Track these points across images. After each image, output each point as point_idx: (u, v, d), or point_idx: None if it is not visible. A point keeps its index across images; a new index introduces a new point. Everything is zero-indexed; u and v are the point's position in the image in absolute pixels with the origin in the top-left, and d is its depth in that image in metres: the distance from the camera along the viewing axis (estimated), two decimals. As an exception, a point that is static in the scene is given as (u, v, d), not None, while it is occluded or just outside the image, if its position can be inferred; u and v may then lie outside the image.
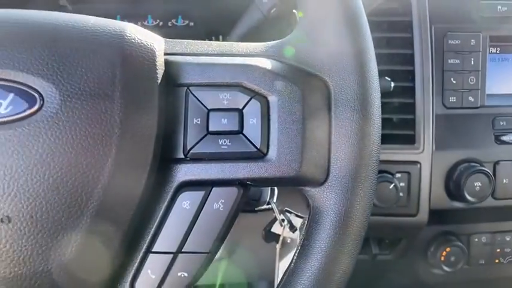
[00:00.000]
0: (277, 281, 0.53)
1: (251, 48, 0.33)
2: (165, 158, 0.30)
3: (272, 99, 0.30)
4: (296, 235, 0.53)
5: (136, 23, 0.81)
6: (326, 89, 0.31)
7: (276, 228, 0.55)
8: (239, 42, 0.34)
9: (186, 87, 0.31)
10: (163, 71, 0.30)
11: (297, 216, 0.53)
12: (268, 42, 0.33)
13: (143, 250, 0.31)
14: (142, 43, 0.30)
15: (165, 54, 0.31)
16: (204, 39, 0.79)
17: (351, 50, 0.30)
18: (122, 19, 0.81)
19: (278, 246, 0.54)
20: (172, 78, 0.31)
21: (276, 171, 0.30)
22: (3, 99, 0.27)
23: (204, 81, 0.31)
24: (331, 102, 0.30)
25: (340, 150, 0.30)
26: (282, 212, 0.52)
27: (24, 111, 0.27)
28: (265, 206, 0.55)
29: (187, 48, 0.33)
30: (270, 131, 0.30)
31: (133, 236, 0.31)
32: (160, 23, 0.80)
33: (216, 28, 0.80)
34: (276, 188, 0.53)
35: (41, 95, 0.27)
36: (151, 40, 0.31)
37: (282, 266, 0.53)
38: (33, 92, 0.27)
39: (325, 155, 0.30)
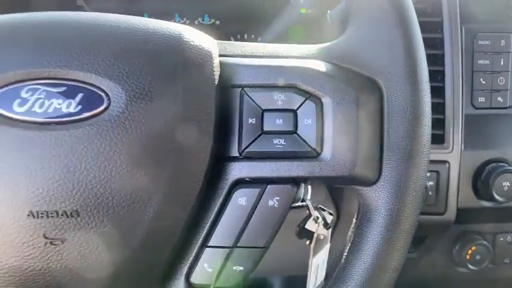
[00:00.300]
0: (310, 276, 0.54)
1: (303, 50, 0.34)
2: (220, 156, 0.32)
3: (326, 100, 0.31)
4: (328, 232, 0.54)
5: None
6: (378, 91, 0.31)
7: (310, 225, 0.55)
8: (290, 45, 0.35)
9: (240, 88, 0.32)
10: (219, 72, 0.31)
11: (329, 214, 0.54)
12: (320, 45, 0.34)
13: (198, 244, 0.32)
14: (200, 45, 0.31)
15: (219, 55, 0.33)
16: (230, 38, 0.81)
17: (403, 52, 0.31)
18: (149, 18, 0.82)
19: (313, 242, 0.55)
20: (226, 80, 0.32)
21: (329, 170, 0.31)
22: (72, 99, 0.28)
23: (258, 83, 0.32)
24: (384, 103, 0.31)
25: (393, 150, 0.31)
26: (315, 209, 0.53)
27: (92, 110, 0.28)
28: (299, 203, 0.56)
29: (240, 50, 0.34)
30: (324, 132, 0.31)
31: (189, 231, 0.32)
32: (187, 22, 0.81)
33: (241, 27, 0.81)
34: (309, 186, 0.54)
35: (107, 95, 0.29)
36: (207, 42, 0.32)
37: (315, 262, 0.54)
38: (100, 92, 0.29)
39: (377, 155, 0.31)
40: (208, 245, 0.32)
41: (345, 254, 0.33)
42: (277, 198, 0.31)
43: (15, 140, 0.28)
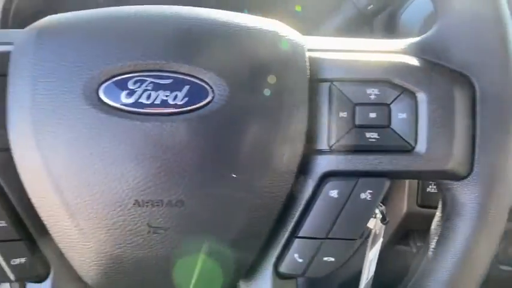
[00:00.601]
0: (364, 270, 0.54)
1: (390, 45, 0.34)
2: (309, 149, 0.32)
3: (421, 95, 0.31)
4: (383, 227, 0.54)
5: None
6: (470, 86, 0.32)
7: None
8: (374, 39, 0.35)
9: (329, 83, 0.32)
10: (309, 66, 0.32)
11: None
12: (407, 40, 0.34)
13: (287, 235, 0.33)
14: (294, 40, 0.32)
15: (308, 50, 0.33)
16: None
17: (496, 47, 0.31)
18: None
19: (370, 237, 0.56)
20: (314, 74, 0.32)
21: (423, 165, 0.31)
22: (178, 91, 0.29)
23: (349, 77, 0.32)
24: (477, 98, 0.32)
25: (485, 144, 0.31)
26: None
27: (198, 103, 0.29)
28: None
29: (325, 44, 0.34)
30: (418, 126, 0.31)
31: (278, 222, 0.33)
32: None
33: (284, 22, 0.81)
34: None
35: (212, 89, 0.29)
36: (299, 37, 0.32)
37: (370, 256, 0.54)
38: (205, 86, 0.29)
39: (469, 150, 0.31)
40: (299, 235, 0.32)
41: (432, 247, 0.34)
42: (370, 191, 0.32)
43: (123, 131, 0.28)
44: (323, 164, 0.32)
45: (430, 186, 0.62)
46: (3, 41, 0.32)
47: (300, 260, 0.32)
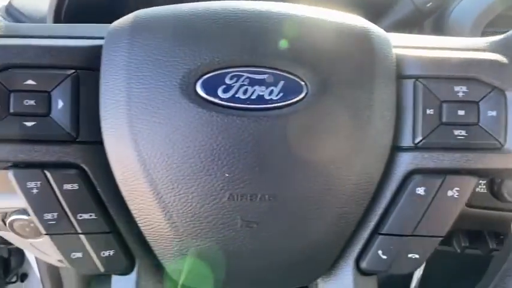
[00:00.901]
0: (417, 270, 0.54)
1: (473, 42, 0.34)
2: (395, 146, 0.32)
3: (510, 93, 0.31)
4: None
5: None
6: None
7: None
8: (455, 37, 0.35)
9: (414, 79, 0.32)
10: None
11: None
12: (489, 38, 0.34)
13: (370, 231, 0.33)
14: (383, 37, 0.32)
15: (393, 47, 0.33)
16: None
17: None
18: None
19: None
20: (400, 70, 0.32)
21: None
22: (274, 86, 0.29)
23: (436, 74, 0.32)
24: None
25: None
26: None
27: (293, 98, 0.29)
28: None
29: (411, 41, 0.34)
30: (507, 124, 0.31)
31: (361, 218, 0.33)
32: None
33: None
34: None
35: (306, 84, 0.29)
36: (383, 33, 0.32)
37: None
38: (300, 81, 0.29)
39: None
40: (383, 232, 0.32)
41: None
42: (458, 188, 0.32)
43: (219, 125, 0.29)
44: (408, 161, 0.32)
45: (479, 186, 0.62)
46: (93, 36, 0.32)
47: (384, 257, 0.32)
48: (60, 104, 0.30)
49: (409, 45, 0.34)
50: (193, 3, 0.32)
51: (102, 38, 0.32)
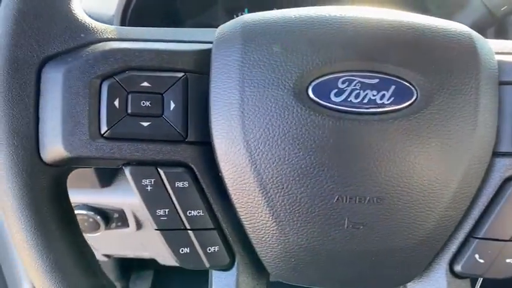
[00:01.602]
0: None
1: None
2: (493, 152, 0.32)
3: None
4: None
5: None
6: None
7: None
8: None
9: (509, 85, 0.33)
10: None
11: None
12: None
13: (465, 235, 0.33)
14: (484, 42, 0.32)
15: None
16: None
17: None
18: (250, 10, 0.83)
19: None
20: (501, 76, 0.32)
21: None
22: (385, 91, 0.30)
23: None
24: None
25: None
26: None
27: (403, 102, 0.30)
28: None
29: (509, 47, 0.35)
30: None
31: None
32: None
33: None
34: None
35: (415, 89, 0.30)
36: (484, 39, 0.33)
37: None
38: (410, 86, 0.30)
39: None
40: (481, 236, 0.33)
41: None
42: None
43: (332, 128, 0.29)
44: (507, 165, 0.32)
45: None
46: (201, 40, 0.33)
47: (481, 261, 0.33)
48: (172, 105, 0.31)
49: (509, 51, 0.34)
50: (298, 8, 0.33)
51: (209, 42, 0.33)
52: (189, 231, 0.32)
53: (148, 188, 0.31)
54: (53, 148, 0.30)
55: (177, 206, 0.31)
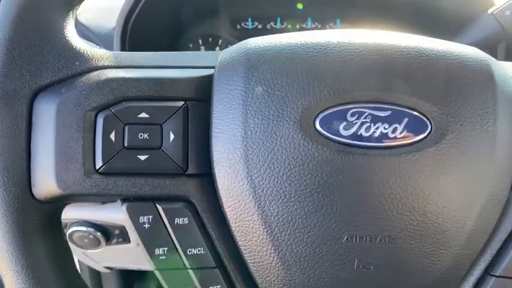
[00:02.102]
0: None
1: None
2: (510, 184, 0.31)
3: None
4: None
5: (296, 25, 0.83)
6: None
7: None
8: None
9: None
10: None
11: None
12: None
13: (481, 272, 0.31)
14: (501, 69, 0.30)
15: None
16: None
17: None
18: (282, 21, 0.82)
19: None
20: None
21: None
22: (398, 124, 0.28)
23: None
24: None
25: None
26: None
27: (417, 135, 0.28)
28: None
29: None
30: None
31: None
32: (319, 26, 0.80)
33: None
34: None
35: (430, 121, 0.28)
36: (500, 64, 0.31)
37: None
38: (424, 118, 0.28)
39: None
40: (498, 274, 0.31)
41: None
42: None
43: (341, 164, 0.27)
44: None
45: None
46: (202, 65, 0.32)
47: None
48: (172, 136, 0.29)
49: None
50: (304, 34, 0.31)
51: (210, 67, 0.31)
52: (190, 270, 0.30)
53: (146, 225, 0.29)
54: (46, 185, 0.29)
55: (177, 245, 0.30)
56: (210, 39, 0.78)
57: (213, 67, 0.31)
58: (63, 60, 0.29)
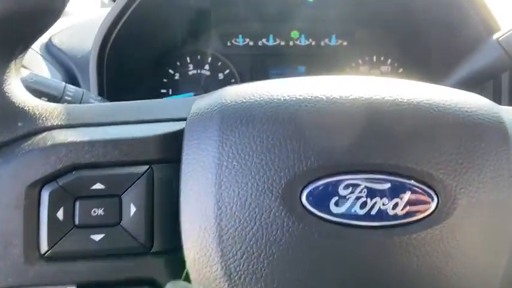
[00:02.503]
0: None
1: None
2: None
3: None
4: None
5: (289, 42, 0.79)
6: None
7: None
8: None
9: None
10: None
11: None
12: None
13: None
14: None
15: None
16: (358, 61, 0.75)
17: None
18: (275, 38, 0.77)
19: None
20: None
21: None
22: (399, 198, 0.23)
23: None
24: None
25: None
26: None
27: (421, 212, 0.23)
28: None
29: None
30: None
31: None
32: (313, 42, 0.76)
33: (375, 48, 0.75)
34: None
35: (436, 193, 0.24)
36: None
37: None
38: (429, 189, 0.24)
39: None
40: None
41: None
42: None
43: (332, 246, 0.23)
44: None
45: None
46: (173, 117, 0.27)
47: None
48: (133, 209, 0.25)
49: None
50: (290, 82, 0.26)
51: (181, 119, 0.27)
52: None
53: None
54: None
55: None
56: (199, 56, 0.74)
57: (185, 119, 0.26)
58: (4, 122, 0.25)
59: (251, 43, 0.74)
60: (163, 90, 0.73)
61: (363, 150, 0.24)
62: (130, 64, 0.61)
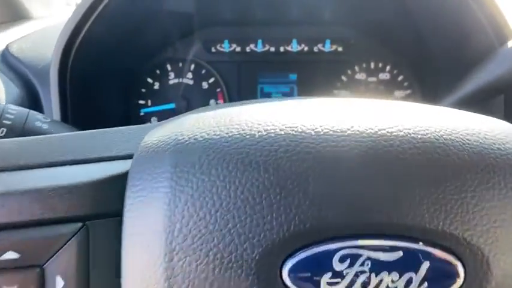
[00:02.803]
0: None
1: None
2: None
3: None
4: None
5: (279, 47, 0.73)
6: None
7: None
8: None
9: None
10: None
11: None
12: None
13: None
14: None
15: None
16: (354, 68, 0.69)
17: None
18: (264, 43, 0.72)
19: None
20: None
21: None
22: (414, 272, 0.17)
23: None
24: None
25: None
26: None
27: (444, 290, 0.18)
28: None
29: None
30: None
31: None
32: (305, 48, 0.70)
33: (373, 54, 0.70)
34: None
35: (462, 263, 0.18)
36: None
37: None
38: (453, 258, 0.18)
39: None
40: None
41: None
42: None
43: None
44: None
45: None
46: (117, 154, 0.21)
47: None
48: (60, 284, 0.19)
49: None
50: (268, 111, 0.20)
51: (127, 157, 0.21)
52: None
53: None
54: None
55: None
56: (180, 64, 0.67)
57: (132, 156, 0.20)
58: None
59: (238, 49, 0.68)
60: (141, 101, 0.67)
61: (363, 206, 0.17)
62: (98, 74, 0.54)
